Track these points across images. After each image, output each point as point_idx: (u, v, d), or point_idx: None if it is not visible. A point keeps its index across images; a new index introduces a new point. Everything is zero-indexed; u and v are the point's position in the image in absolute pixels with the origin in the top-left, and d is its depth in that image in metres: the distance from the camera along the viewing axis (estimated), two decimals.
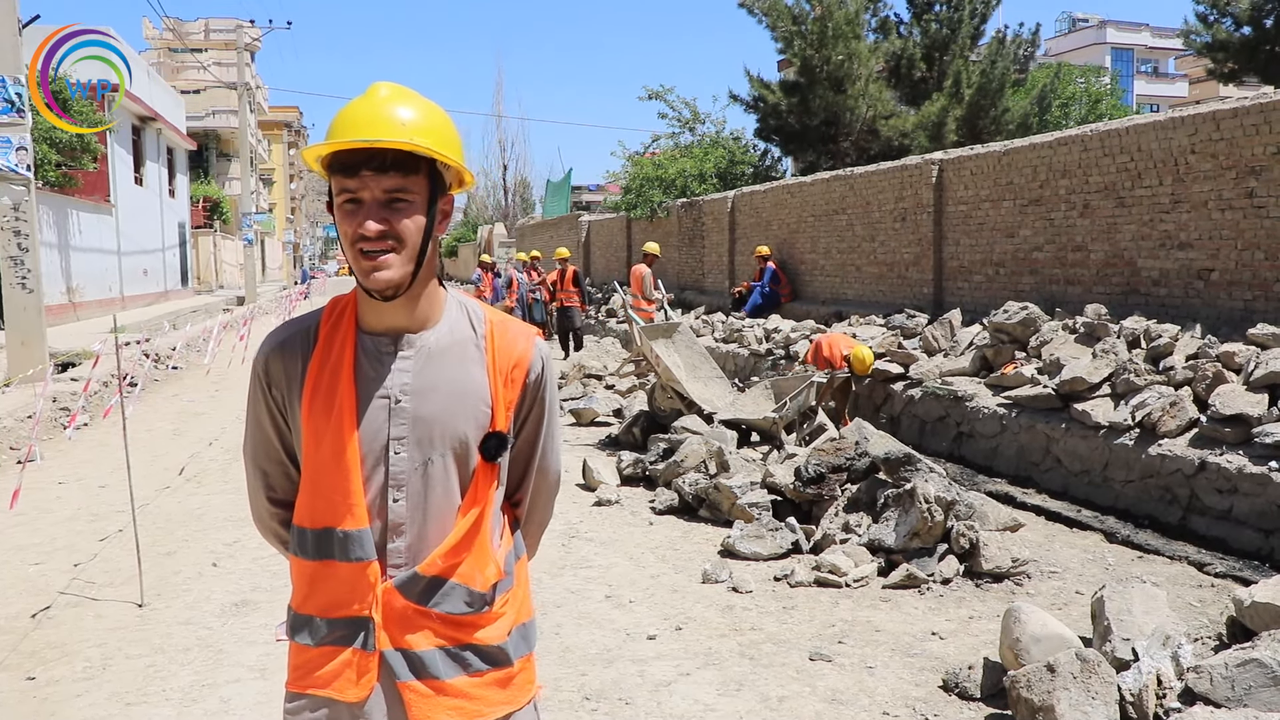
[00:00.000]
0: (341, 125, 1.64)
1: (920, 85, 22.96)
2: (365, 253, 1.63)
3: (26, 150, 11.82)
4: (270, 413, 1.80)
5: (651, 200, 23.05)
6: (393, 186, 1.63)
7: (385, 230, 1.63)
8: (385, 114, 1.64)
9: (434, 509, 1.73)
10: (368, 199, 1.63)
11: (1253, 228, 8.54)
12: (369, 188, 1.63)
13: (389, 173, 1.62)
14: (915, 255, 13.37)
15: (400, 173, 1.63)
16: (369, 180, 1.62)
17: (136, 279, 27.04)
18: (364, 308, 1.75)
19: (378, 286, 1.66)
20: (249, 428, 1.85)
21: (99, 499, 7.37)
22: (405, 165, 1.64)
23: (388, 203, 1.64)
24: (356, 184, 1.63)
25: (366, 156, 1.61)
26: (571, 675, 4.26)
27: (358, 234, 1.62)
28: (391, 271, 1.65)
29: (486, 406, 1.76)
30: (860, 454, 6.48)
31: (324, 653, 1.73)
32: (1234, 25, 20.79)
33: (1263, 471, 6.16)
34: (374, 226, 1.62)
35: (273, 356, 1.77)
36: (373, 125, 1.62)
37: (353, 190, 1.63)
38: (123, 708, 3.96)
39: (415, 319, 1.74)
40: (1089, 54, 55.85)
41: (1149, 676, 3.53)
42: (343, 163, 1.63)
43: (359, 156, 1.62)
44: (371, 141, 1.60)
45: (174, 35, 42.98)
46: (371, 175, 1.62)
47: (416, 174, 1.66)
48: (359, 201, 1.63)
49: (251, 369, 1.82)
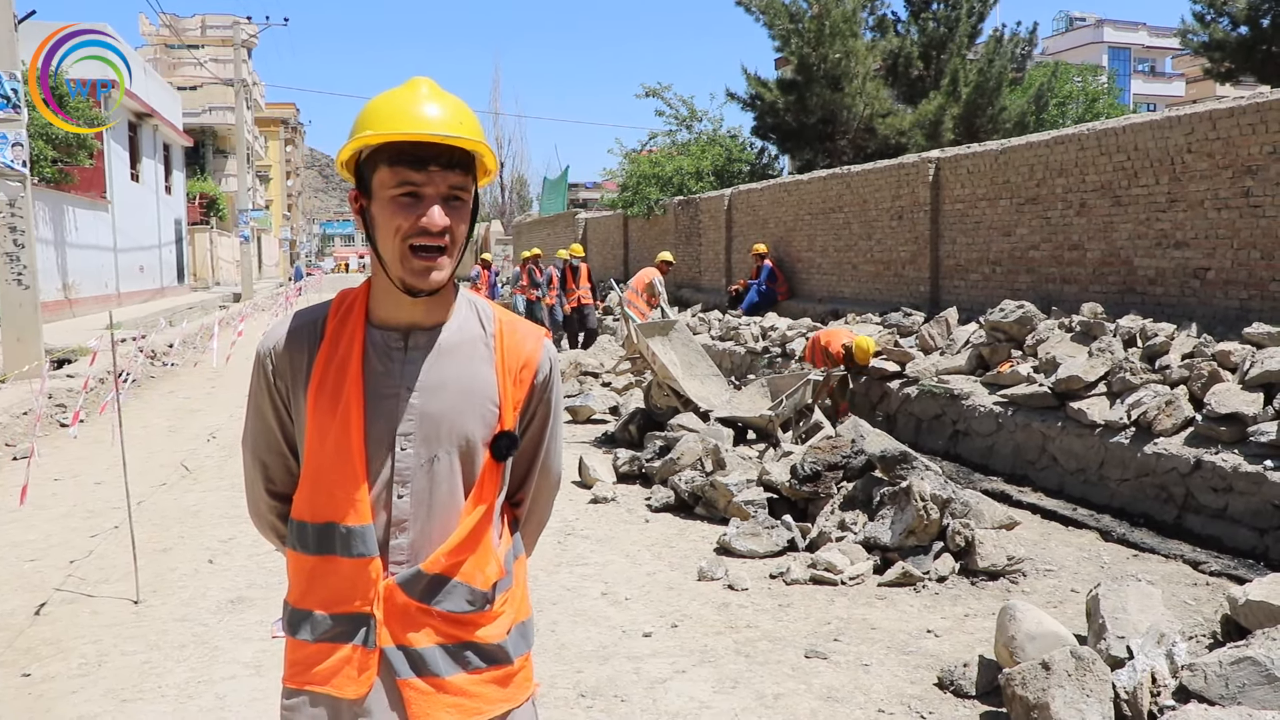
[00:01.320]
0: (398, 116, 1.62)
1: (917, 84, 22.98)
2: (421, 249, 1.63)
3: (22, 146, 11.80)
4: (273, 404, 1.78)
5: (648, 198, 23.05)
6: (456, 184, 1.64)
7: (448, 225, 1.63)
8: (448, 111, 1.64)
9: (438, 506, 1.72)
10: (431, 194, 1.63)
11: (1249, 227, 8.55)
12: (435, 183, 1.62)
13: (454, 169, 1.63)
14: (912, 253, 13.37)
15: (463, 171, 1.64)
16: (436, 175, 1.62)
17: (132, 276, 27.00)
18: (378, 300, 1.74)
19: (430, 287, 1.66)
20: (250, 418, 1.84)
21: (95, 495, 7.36)
22: (466, 165, 1.65)
23: (449, 199, 1.64)
24: (423, 178, 1.61)
25: (436, 151, 1.61)
26: (567, 672, 4.26)
27: (418, 227, 1.62)
28: (444, 273, 1.66)
29: (494, 405, 1.75)
30: (856, 452, 6.48)
31: (323, 649, 1.72)
32: (1231, 25, 20.82)
33: (1258, 470, 6.17)
34: (442, 219, 1.62)
35: (279, 348, 1.76)
36: (442, 121, 1.62)
37: (418, 184, 1.62)
38: (118, 704, 3.95)
39: (428, 315, 1.73)
40: (1086, 53, 55.86)
41: (1144, 674, 3.53)
42: (409, 154, 1.61)
43: (428, 150, 1.61)
44: (452, 138, 1.60)
45: (171, 31, 42.95)
46: (439, 171, 1.62)
47: (469, 174, 1.67)
48: (418, 196, 1.63)
49: (255, 359, 1.80)
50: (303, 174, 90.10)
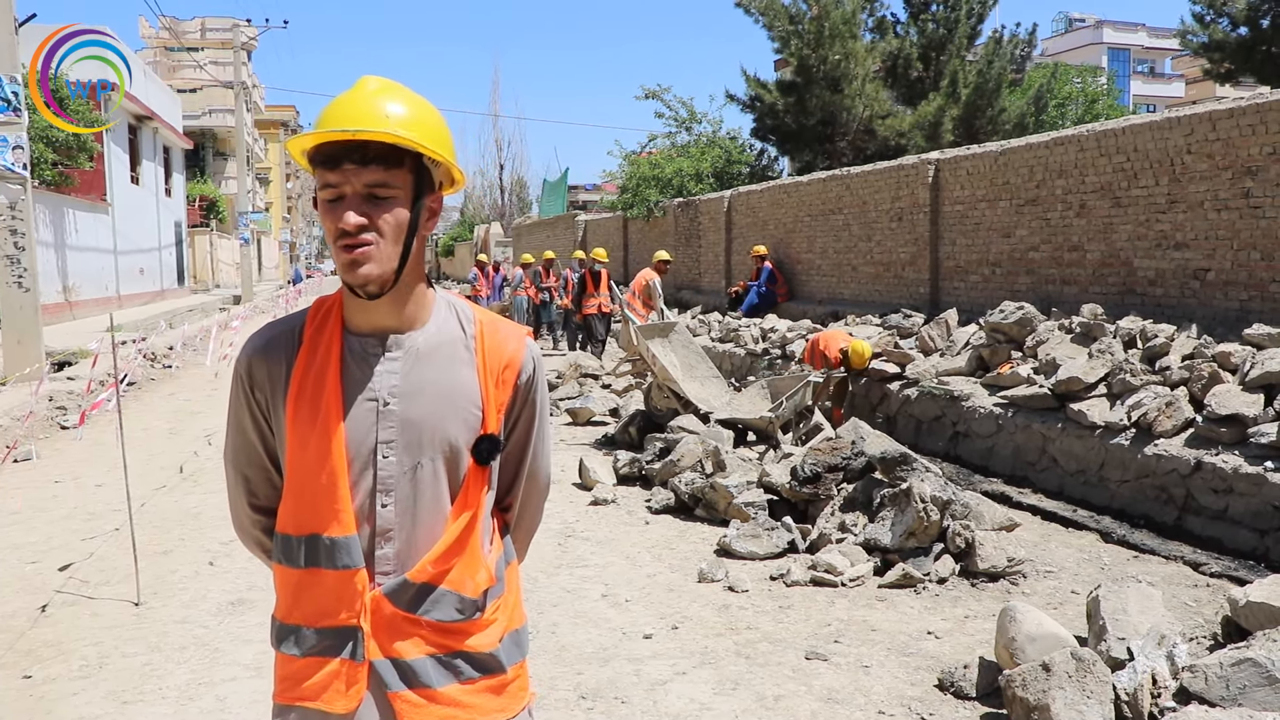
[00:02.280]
0: (326, 117, 1.60)
1: (917, 85, 22.99)
2: (346, 247, 1.59)
3: (23, 149, 11.81)
4: (253, 416, 1.75)
5: (648, 200, 23.05)
6: (374, 180, 1.59)
7: (365, 224, 1.59)
8: (370, 106, 1.60)
9: (423, 514, 1.68)
10: (349, 193, 1.59)
11: (1249, 228, 8.55)
12: (350, 181, 1.58)
13: (370, 166, 1.57)
14: (912, 255, 13.38)
15: (382, 166, 1.59)
16: (350, 173, 1.58)
17: (133, 278, 27.01)
18: (350, 308, 1.71)
19: (358, 281, 1.61)
20: (230, 432, 1.80)
21: (95, 498, 7.36)
22: (388, 159, 1.59)
23: (369, 197, 1.60)
24: (338, 177, 1.58)
25: (348, 149, 1.57)
26: (567, 674, 4.26)
27: (338, 228, 1.58)
28: (371, 266, 1.60)
29: (477, 409, 1.71)
30: (856, 453, 6.48)
31: (311, 663, 1.68)
32: (1230, 26, 20.83)
33: (1258, 471, 6.17)
34: (354, 219, 1.58)
35: (255, 358, 1.73)
36: (356, 117, 1.58)
37: (335, 184, 1.59)
38: (119, 706, 3.95)
39: (403, 319, 1.70)
40: (1085, 54, 55.88)
41: (1144, 676, 3.53)
42: (325, 155, 1.59)
43: (342, 149, 1.57)
44: (352, 132, 1.56)
45: (170, 34, 42.95)
46: (353, 168, 1.58)
47: (400, 168, 1.61)
48: (341, 196, 1.60)
49: (233, 371, 1.77)
50: (303, 176, 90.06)
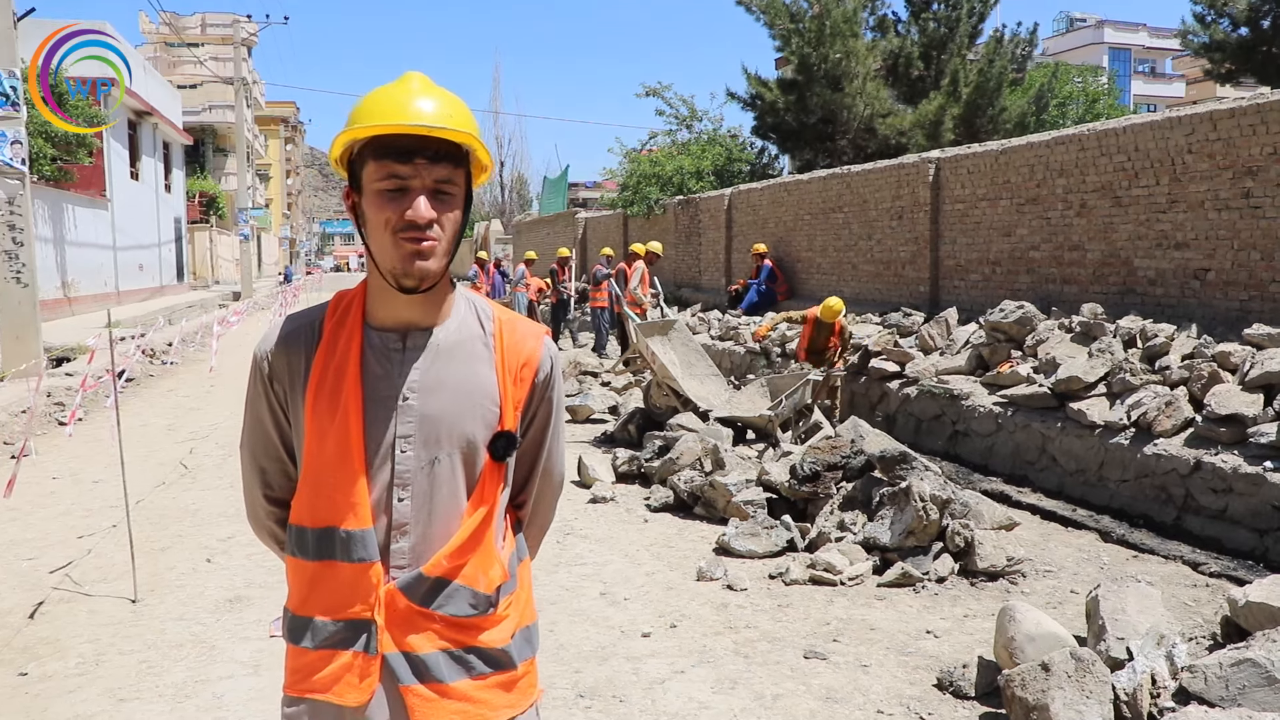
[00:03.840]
0: (387, 109, 1.61)
1: (918, 84, 22.96)
2: (414, 239, 1.60)
3: (21, 144, 11.79)
4: (271, 408, 1.76)
5: (648, 197, 23.04)
6: (443, 176, 1.61)
7: (434, 218, 1.61)
8: (437, 104, 1.62)
9: (439, 509, 1.69)
10: (418, 186, 1.60)
11: (1249, 228, 8.54)
12: (421, 175, 1.60)
13: (442, 162, 1.61)
14: (912, 254, 13.37)
15: (450, 164, 1.62)
16: (423, 168, 1.59)
17: (132, 274, 26.98)
18: (374, 301, 1.72)
19: (419, 274, 1.62)
20: (247, 424, 1.81)
21: (93, 494, 7.35)
22: (454, 158, 1.63)
23: (435, 193, 1.62)
24: (410, 170, 1.59)
25: (422, 143, 1.59)
26: (566, 673, 4.25)
27: (405, 220, 1.59)
28: (434, 262, 1.62)
29: (495, 405, 1.72)
30: (856, 452, 6.48)
31: (323, 655, 1.69)
32: (1231, 26, 20.81)
33: (1258, 471, 6.17)
34: (428, 212, 1.60)
35: (275, 351, 1.73)
36: (429, 114, 1.60)
37: (404, 176, 1.60)
38: (115, 703, 3.94)
39: (426, 315, 1.71)
40: (1086, 54, 55.86)
41: (1143, 676, 3.53)
42: (395, 147, 1.59)
43: (414, 143, 1.59)
44: (438, 129, 1.58)
45: (170, 30, 42.90)
46: (425, 164, 1.59)
47: (460, 167, 1.64)
48: (406, 189, 1.61)
49: (252, 363, 1.78)
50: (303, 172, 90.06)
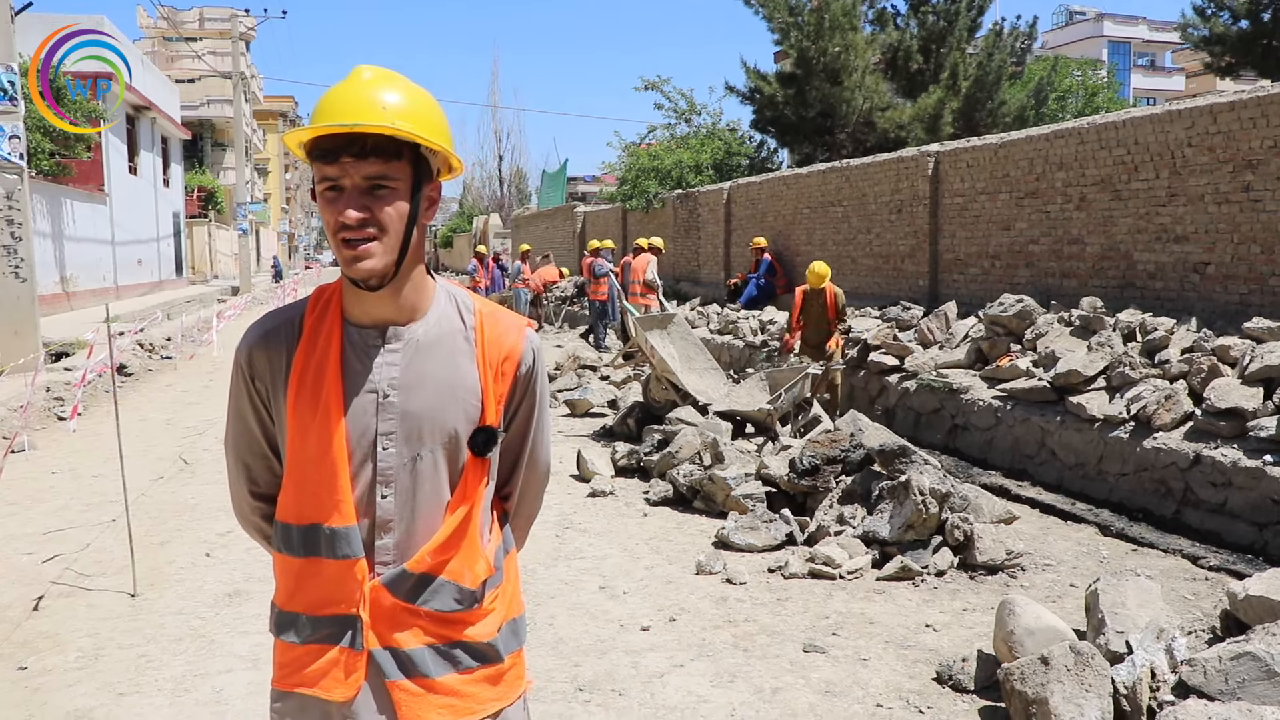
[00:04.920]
0: (323, 110, 1.59)
1: (917, 77, 22.92)
2: (347, 242, 1.58)
3: (20, 139, 11.77)
4: (253, 406, 1.76)
5: (647, 191, 23.02)
6: (374, 173, 1.58)
7: (367, 218, 1.58)
8: (367, 98, 1.58)
9: (423, 505, 1.69)
10: (348, 186, 1.58)
11: (1249, 221, 8.54)
12: (349, 174, 1.58)
13: (369, 158, 1.57)
14: (911, 247, 13.35)
15: (381, 158, 1.58)
16: (349, 166, 1.57)
17: (130, 269, 26.95)
18: (349, 299, 1.71)
19: (360, 276, 1.61)
20: (230, 420, 1.81)
21: (92, 489, 7.35)
22: (387, 151, 1.58)
23: (369, 190, 1.59)
24: (337, 171, 1.57)
25: (347, 142, 1.56)
26: (565, 666, 4.25)
27: (339, 222, 1.58)
28: (374, 260, 1.59)
29: (476, 400, 1.72)
30: (855, 446, 6.48)
31: (310, 651, 1.71)
32: (1231, 19, 20.76)
33: (1257, 465, 6.17)
34: (354, 215, 1.57)
35: (256, 348, 1.73)
36: (354, 109, 1.57)
37: (334, 177, 1.58)
38: (115, 697, 3.94)
39: (402, 310, 1.70)
40: (1086, 47, 55.76)
41: (1143, 669, 3.53)
42: (323, 149, 1.58)
43: (339, 142, 1.56)
44: (350, 126, 1.55)
45: (168, 24, 42.84)
46: (352, 161, 1.57)
47: (399, 160, 1.60)
48: (340, 189, 1.59)
49: (234, 361, 1.77)
50: (301, 167, 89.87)
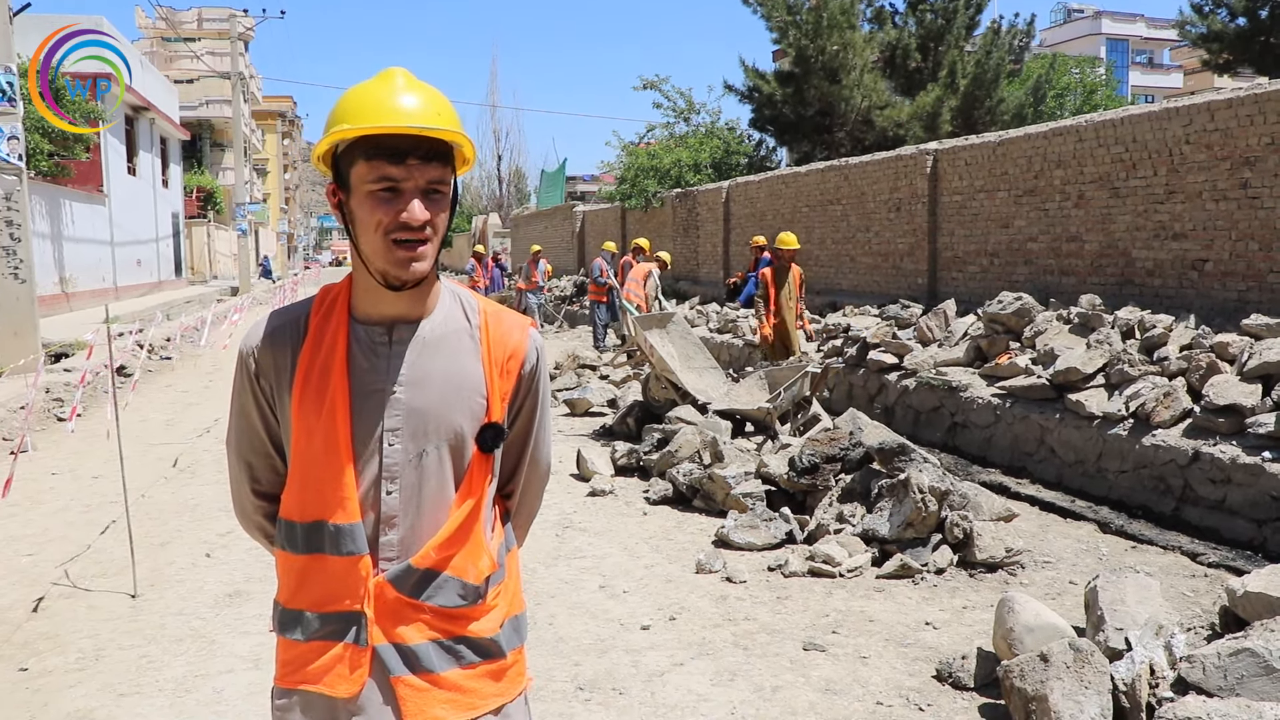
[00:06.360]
0: (374, 108, 1.59)
1: (915, 75, 22.94)
2: (404, 243, 1.60)
3: (18, 139, 11.77)
4: (258, 404, 1.77)
5: (646, 190, 23.03)
6: (435, 177, 1.61)
7: (428, 220, 1.61)
8: (424, 103, 1.61)
9: (428, 501, 1.71)
10: (410, 188, 1.60)
11: (1247, 218, 8.54)
12: (414, 176, 1.59)
13: (434, 163, 1.60)
14: (910, 246, 13.36)
15: (441, 164, 1.62)
16: (415, 169, 1.59)
17: (130, 269, 26.94)
18: (362, 296, 1.72)
19: (414, 277, 1.63)
20: (233, 419, 1.82)
21: (92, 490, 7.35)
22: (445, 157, 1.63)
23: (427, 193, 1.61)
24: (402, 172, 1.59)
25: (414, 144, 1.58)
26: (565, 665, 4.25)
27: (398, 222, 1.59)
28: (426, 263, 1.63)
29: (481, 398, 1.73)
30: (854, 444, 6.48)
31: (314, 648, 1.72)
32: (1229, 16, 20.79)
33: (1256, 462, 6.17)
34: (423, 215, 1.60)
35: (261, 347, 1.74)
36: (420, 114, 1.59)
37: (397, 179, 1.59)
38: (115, 698, 3.95)
39: (411, 308, 1.71)
40: (1084, 44, 55.77)
41: (1142, 666, 3.53)
42: (386, 148, 1.58)
43: (406, 143, 1.58)
44: (430, 130, 1.58)
45: (167, 24, 42.79)
46: (417, 164, 1.59)
47: (448, 165, 1.64)
48: (399, 191, 1.60)
49: (238, 359, 1.78)
50: (300, 167, 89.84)
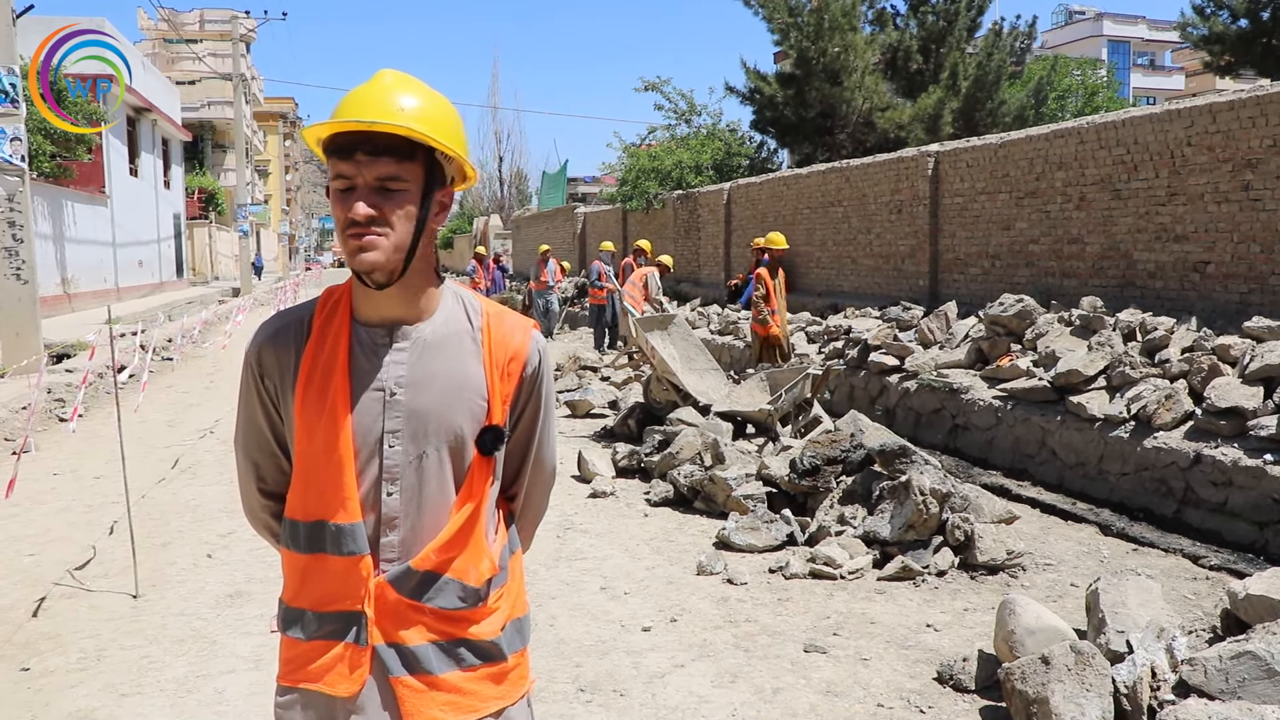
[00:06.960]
0: (342, 109, 1.63)
1: (916, 77, 22.93)
2: (352, 235, 1.61)
3: (21, 141, 11.79)
4: (263, 404, 1.78)
5: (647, 192, 23.02)
6: (386, 173, 1.61)
7: (375, 216, 1.60)
8: (385, 99, 1.62)
9: (428, 503, 1.71)
10: (360, 184, 1.61)
11: (1249, 220, 8.54)
12: (362, 172, 1.60)
13: (383, 158, 1.60)
14: (911, 247, 13.36)
15: (394, 159, 1.61)
16: (363, 164, 1.60)
17: (131, 270, 26.97)
18: (359, 298, 1.73)
19: (363, 268, 1.63)
20: (240, 419, 1.83)
21: (94, 490, 7.36)
22: (400, 152, 1.61)
23: (380, 189, 1.61)
24: (350, 168, 1.60)
25: (361, 140, 1.59)
26: (566, 667, 4.25)
27: (348, 218, 1.60)
28: (377, 254, 1.61)
29: (482, 400, 1.74)
30: (856, 446, 6.48)
31: (316, 647, 1.72)
32: (1231, 18, 20.76)
33: (1258, 464, 6.17)
34: (363, 210, 1.59)
35: (265, 347, 1.75)
36: (371, 109, 1.60)
37: (347, 175, 1.61)
38: (117, 698, 3.95)
39: (411, 310, 1.72)
40: (1085, 46, 55.74)
41: (1143, 669, 3.53)
42: (339, 145, 1.61)
43: (355, 140, 1.59)
44: (365, 124, 1.58)
45: (169, 26, 42.83)
46: (365, 159, 1.59)
47: (412, 161, 1.63)
48: (353, 187, 1.61)
49: (244, 360, 1.80)
50: (302, 168, 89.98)
